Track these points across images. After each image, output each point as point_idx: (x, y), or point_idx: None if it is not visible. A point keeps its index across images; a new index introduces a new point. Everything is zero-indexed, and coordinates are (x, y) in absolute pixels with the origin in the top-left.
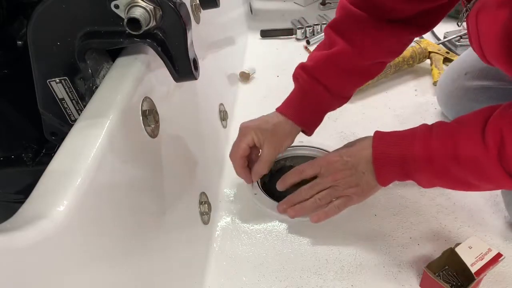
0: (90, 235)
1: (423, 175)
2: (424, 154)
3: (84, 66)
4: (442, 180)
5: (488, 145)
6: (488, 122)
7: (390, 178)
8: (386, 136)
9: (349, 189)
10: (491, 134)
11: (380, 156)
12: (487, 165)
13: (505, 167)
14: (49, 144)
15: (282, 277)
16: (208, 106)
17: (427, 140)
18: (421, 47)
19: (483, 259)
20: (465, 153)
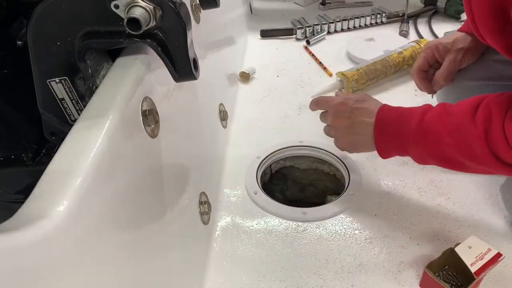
0: (90, 235)
1: (417, 149)
2: (419, 126)
3: (84, 66)
4: (435, 156)
5: (476, 123)
6: (481, 103)
7: (388, 148)
8: (389, 112)
9: (339, 133)
10: (481, 113)
11: (380, 127)
12: (475, 143)
13: (491, 148)
14: (49, 144)
15: (282, 277)
16: (208, 106)
17: (424, 114)
18: (421, 47)
19: (483, 259)
20: (455, 129)
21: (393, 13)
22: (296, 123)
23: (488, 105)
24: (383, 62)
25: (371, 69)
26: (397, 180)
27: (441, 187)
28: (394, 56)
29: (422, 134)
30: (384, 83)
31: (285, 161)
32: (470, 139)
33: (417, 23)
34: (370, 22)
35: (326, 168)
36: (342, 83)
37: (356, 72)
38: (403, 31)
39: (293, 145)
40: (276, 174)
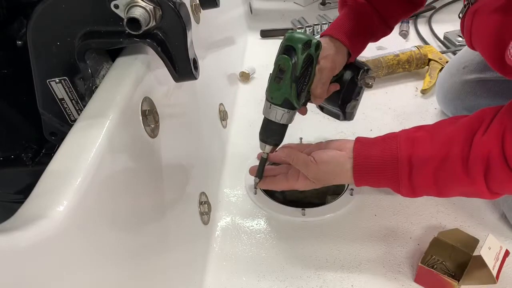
0: (90, 235)
1: (404, 194)
2: (410, 193)
3: (84, 66)
4: (427, 193)
5: (475, 179)
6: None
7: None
8: (364, 173)
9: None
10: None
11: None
12: (475, 193)
13: (492, 190)
14: (49, 144)
15: (282, 277)
16: (208, 106)
17: (407, 180)
18: (421, 53)
19: (498, 260)
20: (451, 193)
21: None
22: (296, 123)
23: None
24: (375, 62)
25: None
26: None
27: None
28: (389, 57)
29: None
30: (384, 83)
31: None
32: (470, 193)
33: (417, 23)
34: None
35: None
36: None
37: None
38: (403, 31)
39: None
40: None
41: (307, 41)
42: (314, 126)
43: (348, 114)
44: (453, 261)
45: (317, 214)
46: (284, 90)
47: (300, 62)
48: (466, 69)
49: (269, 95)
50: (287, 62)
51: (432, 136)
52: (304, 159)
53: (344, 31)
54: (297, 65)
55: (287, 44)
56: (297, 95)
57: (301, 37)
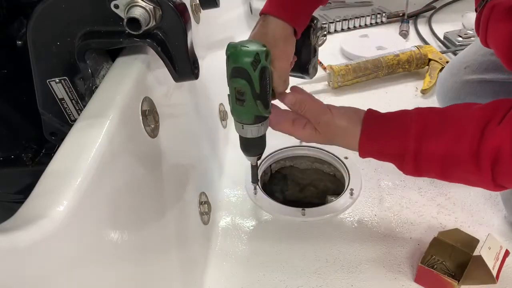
0: (90, 235)
1: (406, 171)
2: (413, 167)
3: (84, 66)
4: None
5: (481, 163)
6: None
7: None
8: (375, 134)
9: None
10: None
11: (365, 154)
12: (479, 182)
13: (497, 182)
14: (49, 144)
15: (282, 277)
16: (208, 106)
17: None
18: (421, 52)
19: (498, 260)
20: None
21: (393, 13)
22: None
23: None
24: (375, 62)
25: (360, 67)
26: (397, 180)
27: (441, 187)
28: (389, 57)
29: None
30: (384, 83)
31: (285, 161)
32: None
33: (417, 23)
34: (370, 22)
35: (326, 168)
36: (330, 77)
37: (344, 68)
38: (403, 31)
39: (293, 145)
40: (276, 174)
41: (255, 55)
42: None
43: (311, 73)
44: (453, 261)
45: (317, 214)
46: (250, 109)
47: (256, 79)
48: (468, 69)
49: (238, 117)
50: (243, 84)
51: (445, 120)
52: (320, 105)
53: (286, 5)
54: (254, 83)
55: (234, 66)
56: (264, 106)
57: (247, 51)
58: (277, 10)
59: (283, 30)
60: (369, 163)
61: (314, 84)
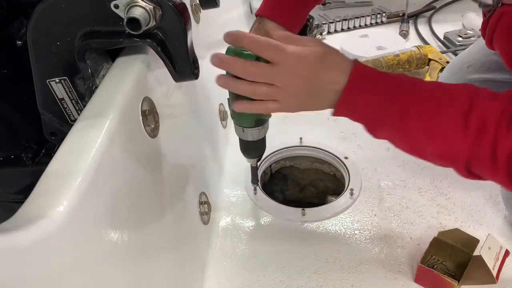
0: (89, 235)
1: (385, 130)
2: (402, 111)
3: (83, 66)
4: (402, 141)
5: (468, 129)
6: (473, 103)
7: (346, 116)
8: (362, 82)
9: (290, 99)
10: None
11: (349, 102)
12: (458, 147)
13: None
14: (49, 144)
15: (282, 277)
16: (208, 106)
17: (409, 98)
18: (421, 52)
19: (498, 260)
20: (441, 128)
21: (393, 13)
22: (296, 123)
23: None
24: (375, 62)
25: None
26: (397, 180)
27: (441, 187)
28: (389, 57)
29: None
30: None
31: (285, 161)
32: (456, 145)
33: (417, 23)
34: (370, 22)
35: (326, 168)
36: None
37: None
38: (403, 31)
39: (293, 145)
40: (276, 174)
41: (255, 59)
42: (314, 126)
43: None
44: (453, 261)
45: (317, 214)
46: (251, 113)
47: None
48: (470, 68)
49: (238, 121)
50: None
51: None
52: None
53: (282, 7)
54: None
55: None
56: None
57: (247, 55)
58: (273, 12)
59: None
60: (369, 163)
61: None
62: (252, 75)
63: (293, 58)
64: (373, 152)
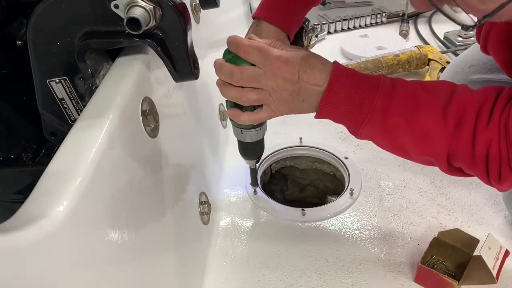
0: (89, 235)
1: (367, 128)
2: (383, 107)
3: (83, 66)
4: (384, 138)
5: (447, 121)
6: (453, 97)
7: (329, 116)
8: (343, 78)
9: (278, 103)
10: (453, 111)
11: (331, 100)
12: (438, 139)
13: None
14: (49, 144)
15: (282, 277)
16: (208, 106)
17: (389, 94)
18: (421, 52)
19: (498, 259)
20: (421, 121)
21: (393, 13)
22: (296, 123)
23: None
24: (375, 62)
25: (360, 67)
26: (397, 180)
27: (441, 187)
28: (389, 57)
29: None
30: None
31: (285, 161)
32: (435, 135)
33: (417, 23)
34: (370, 22)
35: (326, 168)
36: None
37: None
38: (403, 31)
39: (293, 145)
40: (276, 174)
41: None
42: (314, 126)
43: None
44: (453, 261)
45: (317, 214)
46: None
47: None
48: (472, 68)
49: (236, 123)
50: None
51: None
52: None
53: (280, 10)
54: None
55: None
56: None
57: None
58: (270, 15)
59: (277, 36)
60: (369, 163)
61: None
62: (237, 80)
63: (277, 61)
64: (373, 152)
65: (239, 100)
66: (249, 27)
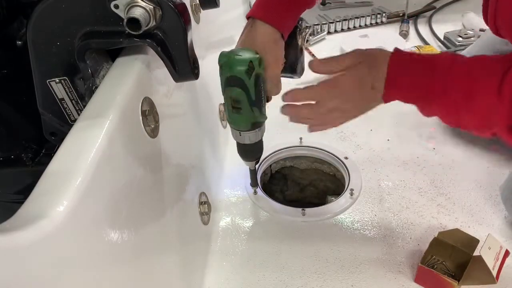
0: (89, 235)
1: (433, 108)
2: (441, 90)
3: (83, 66)
4: (447, 116)
5: (504, 98)
6: (507, 75)
7: (397, 98)
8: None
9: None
10: (507, 88)
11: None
12: (496, 117)
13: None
14: (49, 144)
15: (282, 277)
16: (208, 106)
17: (445, 77)
18: (421, 53)
19: (498, 260)
20: (478, 103)
21: (393, 13)
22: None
23: None
24: None
25: None
26: (397, 180)
27: (441, 187)
28: None
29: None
30: None
31: (285, 161)
32: (493, 113)
33: (417, 23)
34: (370, 22)
35: (326, 168)
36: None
37: None
38: (403, 31)
39: (293, 145)
40: (276, 174)
41: (249, 63)
42: None
43: (299, 73)
44: (453, 261)
45: (317, 214)
46: (247, 117)
47: (252, 87)
48: None
49: (235, 125)
50: (239, 93)
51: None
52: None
53: (275, 10)
54: (249, 91)
55: (230, 75)
56: (260, 112)
57: (241, 60)
58: (265, 14)
59: (272, 35)
60: (369, 163)
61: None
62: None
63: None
64: (373, 152)
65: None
66: (244, 27)
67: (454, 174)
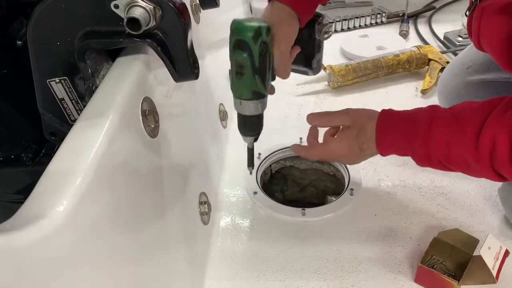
0: (89, 235)
1: (423, 165)
2: (423, 153)
3: (83, 66)
4: (439, 168)
5: (480, 151)
6: (484, 125)
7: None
8: (390, 132)
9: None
10: (485, 139)
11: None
12: (477, 168)
13: (495, 169)
14: (49, 144)
15: (282, 277)
16: (208, 106)
17: (426, 140)
18: (421, 52)
19: (498, 259)
20: (456, 155)
21: (393, 13)
22: (296, 123)
23: (492, 128)
24: (375, 62)
25: (360, 67)
26: (397, 180)
27: (441, 187)
28: (388, 58)
29: (425, 158)
30: (384, 83)
31: (285, 161)
32: (473, 165)
33: (417, 23)
34: (370, 22)
35: (326, 168)
36: (330, 77)
37: (344, 68)
38: (403, 31)
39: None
40: (276, 174)
41: (257, 29)
42: None
43: (315, 69)
44: (453, 261)
45: (317, 214)
46: (249, 84)
47: (256, 53)
48: (470, 69)
49: (236, 92)
50: (243, 57)
51: (452, 113)
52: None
53: None
54: (253, 57)
55: (237, 38)
56: (263, 83)
57: (249, 26)
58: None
59: (288, 14)
60: (369, 163)
61: (314, 84)
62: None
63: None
64: None
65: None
66: (264, 10)
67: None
